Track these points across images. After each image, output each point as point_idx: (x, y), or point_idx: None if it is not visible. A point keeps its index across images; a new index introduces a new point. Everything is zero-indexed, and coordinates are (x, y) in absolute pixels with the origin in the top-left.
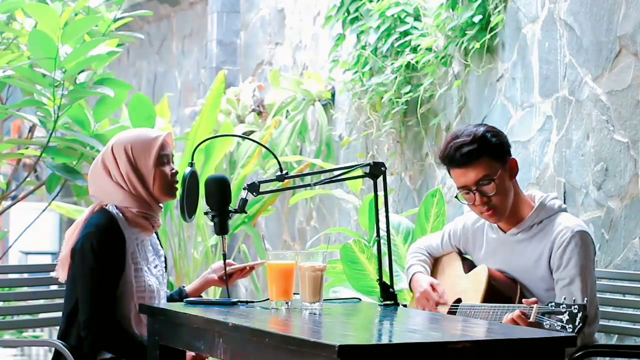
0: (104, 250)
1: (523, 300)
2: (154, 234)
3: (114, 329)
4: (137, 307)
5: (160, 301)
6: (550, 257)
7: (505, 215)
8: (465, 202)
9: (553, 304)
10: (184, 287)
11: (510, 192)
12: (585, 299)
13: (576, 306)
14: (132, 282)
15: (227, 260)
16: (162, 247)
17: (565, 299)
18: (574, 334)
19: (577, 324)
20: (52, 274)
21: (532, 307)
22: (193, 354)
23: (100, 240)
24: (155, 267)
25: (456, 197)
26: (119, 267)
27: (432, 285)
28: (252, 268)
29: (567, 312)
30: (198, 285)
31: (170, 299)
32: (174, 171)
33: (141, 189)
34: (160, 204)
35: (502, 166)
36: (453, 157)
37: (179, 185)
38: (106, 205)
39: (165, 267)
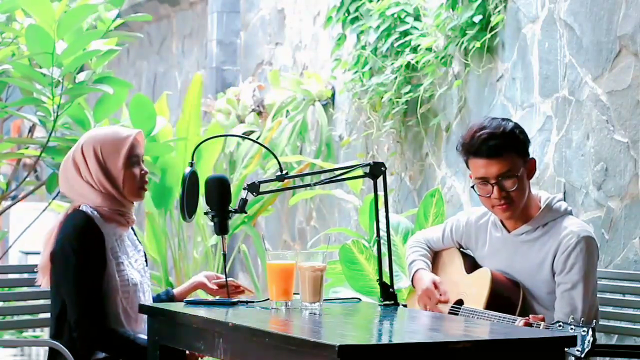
0: (84, 249)
1: (530, 315)
2: (131, 230)
3: (104, 327)
4: (124, 302)
5: (144, 294)
6: (554, 260)
7: (518, 211)
8: (480, 193)
9: (560, 323)
10: (171, 289)
11: (527, 190)
12: (595, 322)
13: (585, 328)
14: (116, 277)
15: (229, 279)
16: (139, 242)
17: (573, 318)
18: (574, 335)
19: (585, 346)
20: (36, 283)
21: (540, 324)
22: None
23: (80, 240)
24: (136, 261)
25: (472, 187)
26: (101, 264)
27: (434, 283)
28: (240, 292)
29: (577, 334)
30: (187, 289)
31: (157, 299)
32: (143, 172)
33: (111, 188)
34: (132, 202)
35: (524, 164)
36: (479, 148)
37: (176, 185)
38: (79, 207)
39: (146, 262)
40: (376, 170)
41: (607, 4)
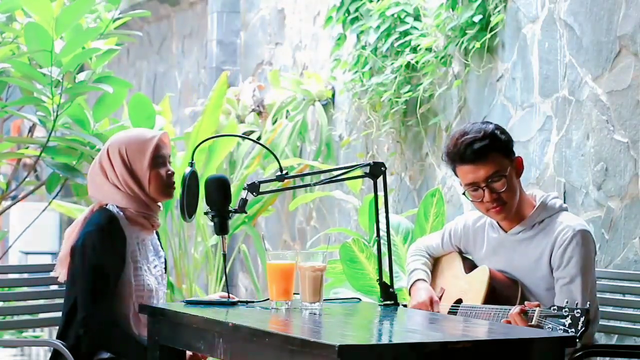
0: (104, 248)
1: (525, 302)
2: (155, 234)
3: (112, 327)
4: (136, 306)
5: (159, 301)
6: (551, 255)
7: (512, 211)
8: (472, 199)
9: (555, 307)
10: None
11: (517, 189)
12: (588, 303)
13: (579, 310)
14: (132, 281)
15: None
16: (162, 248)
17: (567, 302)
18: (574, 334)
19: (579, 328)
20: (52, 274)
21: (535, 310)
22: (191, 353)
23: (101, 238)
24: (155, 267)
25: (464, 194)
26: (119, 265)
27: (431, 299)
28: None
29: (570, 316)
30: None
31: None
32: (169, 172)
33: (137, 190)
34: (159, 204)
35: (511, 163)
36: (464, 154)
37: (177, 186)
38: (106, 205)
39: (165, 269)
40: (376, 170)
41: (607, 4)
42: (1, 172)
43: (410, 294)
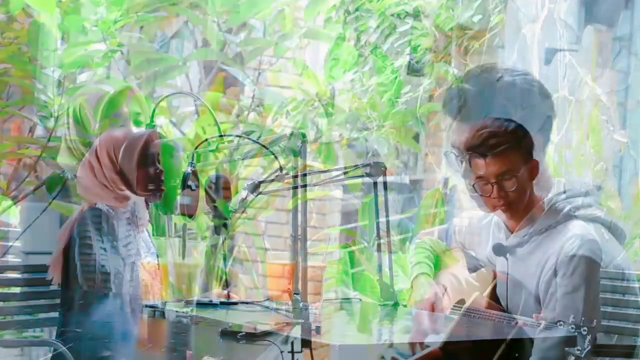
0: (98, 246)
1: (534, 315)
2: (145, 231)
3: (111, 325)
4: (134, 302)
5: (154, 296)
6: (556, 262)
7: (518, 212)
8: (480, 193)
9: (561, 322)
10: None
11: (527, 191)
12: (595, 321)
13: (585, 328)
14: (128, 278)
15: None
16: (153, 244)
17: (573, 317)
18: (573, 334)
19: (585, 346)
20: (47, 277)
21: (540, 323)
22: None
23: (94, 237)
24: (148, 262)
25: (473, 186)
26: (114, 263)
27: (436, 297)
28: None
29: (577, 333)
30: None
31: None
32: (158, 171)
33: (125, 188)
34: (148, 202)
35: (525, 165)
36: (480, 146)
37: (177, 185)
38: (96, 204)
39: (158, 265)
40: (376, 171)
41: (607, 4)
42: (1, 172)
43: (412, 287)
